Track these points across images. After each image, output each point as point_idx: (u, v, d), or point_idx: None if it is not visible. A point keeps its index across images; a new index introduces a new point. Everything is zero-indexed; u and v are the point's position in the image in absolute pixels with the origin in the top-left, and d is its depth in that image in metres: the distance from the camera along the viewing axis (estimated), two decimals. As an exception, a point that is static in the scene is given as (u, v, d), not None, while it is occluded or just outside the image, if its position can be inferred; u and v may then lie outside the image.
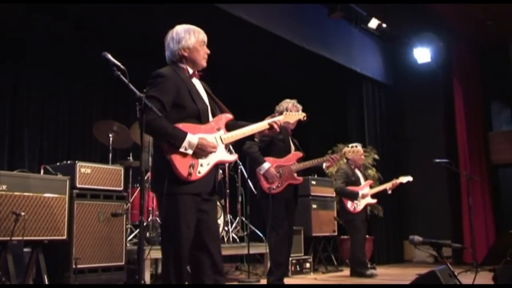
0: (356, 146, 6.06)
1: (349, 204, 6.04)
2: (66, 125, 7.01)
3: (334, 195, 7.27)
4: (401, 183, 6.28)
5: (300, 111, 4.01)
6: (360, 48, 8.35)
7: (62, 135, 6.94)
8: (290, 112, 3.73)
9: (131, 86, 2.60)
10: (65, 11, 6.25)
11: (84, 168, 4.54)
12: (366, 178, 6.34)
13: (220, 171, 5.80)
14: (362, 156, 6.21)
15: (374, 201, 6.22)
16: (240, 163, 5.74)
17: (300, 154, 4.68)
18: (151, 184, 3.04)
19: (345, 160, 6.34)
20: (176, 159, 2.69)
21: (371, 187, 6.26)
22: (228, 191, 6.14)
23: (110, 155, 5.58)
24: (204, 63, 2.94)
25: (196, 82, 2.92)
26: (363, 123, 8.49)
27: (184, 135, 2.69)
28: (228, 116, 2.96)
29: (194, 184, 2.72)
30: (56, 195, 4.25)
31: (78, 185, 4.46)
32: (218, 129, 2.88)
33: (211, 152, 2.77)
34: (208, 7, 5.83)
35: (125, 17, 6.33)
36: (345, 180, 6.09)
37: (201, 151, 2.73)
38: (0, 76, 6.36)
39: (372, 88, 8.84)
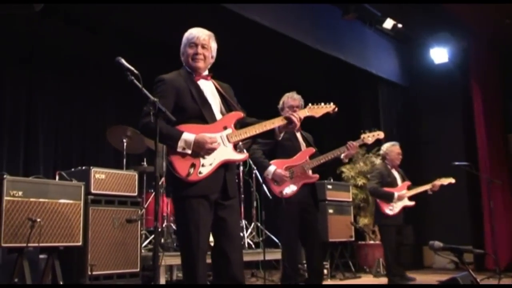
0: (394, 145, 5.95)
1: (385, 207, 5.74)
2: (80, 130, 7.06)
3: (350, 199, 7.22)
4: (442, 185, 6.05)
5: (329, 104, 3.50)
6: (375, 49, 8.31)
7: (76, 140, 6.99)
8: (316, 105, 3.42)
9: (145, 91, 2.63)
10: (77, 16, 6.32)
11: (98, 174, 4.57)
12: (404, 179, 5.99)
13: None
14: (399, 156, 6.00)
15: (411, 203, 5.85)
16: (255, 167, 5.72)
17: (312, 150, 4.37)
18: (166, 189, 3.05)
19: (376, 160, 6.15)
20: (175, 159, 2.69)
21: (409, 188, 5.91)
22: (242, 196, 6.13)
23: (124, 160, 5.60)
24: (194, 64, 2.91)
25: (205, 83, 2.92)
26: (379, 125, 8.41)
27: (179, 134, 2.69)
28: (239, 114, 2.92)
29: (197, 186, 2.69)
30: (71, 201, 4.28)
31: (92, 191, 4.50)
32: (225, 128, 2.84)
33: (210, 150, 2.72)
34: (219, 9, 5.85)
35: (138, 21, 6.37)
36: (380, 180, 5.79)
37: (199, 149, 2.70)
38: (14, 82, 6.42)
39: (388, 90, 8.78)
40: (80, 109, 7.10)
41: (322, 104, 3.47)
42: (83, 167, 4.70)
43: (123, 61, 2.64)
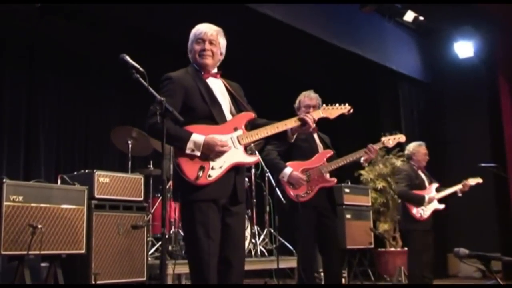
0: (420, 145, 5.90)
1: (414, 210, 5.61)
2: (83, 132, 7.10)
3: (369, 204, 7.19)
4: (471, 185, 5.97)
5: (344, 105, 3.55)
6: (395, 43, 8.26)
7: (79, 142, 7.04)
8: (330, 106, 3.44)
9: (151, 90, 2.64)
10: (79, 12, 6.36)
11: (102, 177, 4.59)
12: (431, 181, 5.88)
13: (246, 179, 5.79)
14: (426, 156, 5.95)
15: (442, 206, 5.74)
16: (267, 170, 5.71)
17: (329, 152, 4.35)
18: (174, 193, 3.05)
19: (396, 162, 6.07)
20: (183, 162, 2.70)
21: (438, 190, 5.81)
22: (254, 200, 6.12)
23: (130, 163, 5.62)
24: (201, 60, 2.91)
25: (214, 81, 2.94)
26: (399, 125, 8.37)
27: (188, 135, 2.70)
28: (250, 114, 2.93)
29: (206, 190, 2.70)
30: (74, 206, 4.30)
31: (96, 196, 4.51)
32: (235, 129, 2.85)
33: (220, 152, 2.73)
34: (228, 3, 5.85)
35: (144, 17, 6.40)
36: (408, 183, 5.68)
37: (209, 151, 2.70)
38: (14, 82, 6.48)
39: (409, 87, 8.73)
40: (83, 109, 7.15)
41: (337, 105, 3.50)
42: (86, 171, 4.72)
43: (128, 58, 2.64)
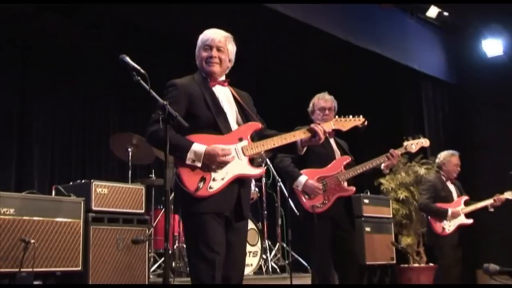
0: (453, 155, 5.87)
1: (437, 225, 5.66)
2: (79, 138, 7.11)
3: (390, 215, 7.15)
4: (507, 199, 5.94)
5: (358, 117, 3.61)
6: (417, 41, 8.22)
7: (75, 150, 7.04)
8: (343, 118, 3.51)
9: (153, 93, 2.65)
10: (77, 9, 6.38)
11: (100, 188, 4.59)
12: (461, 193, 5.90)
13: (256, 189, 5.77)
14: (458, 167, 5.92)
15: (469, 221, 5.77)
16: (279, 180, 5.69)
17: (347, 159, 4.34)
18: (174, 205, 3.09)
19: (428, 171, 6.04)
20: (183, 172, 2.77)
21: (467, 203, 5.83)
22: (265, 212, 6.10)
23: (130, 172, 5.62)
24: (208, 68, 2.98)
25: (221, 90, 3.01)
26: (423, 129, 8.31)
27: (189, 145, 2.76)
28: (256, 125, 2.98)
29: (209, 201, 2.76)
30: (70, 220, 4.30)
31: (94, 208, 4.51)
32: (240, 139, 2.91)
33: (222, 163, 2.78)
34: (240, 2, 5.87)
35: (146, 14, 6.39)
36: (432, 195, 5.71)
37: (210, 162, 2.76)
38: (5, 83, 6.48)
39: (433, 88, 8.67)
40: (79, 114, 7.16)
41: (350, 116, 3.55)
42: (83, 181, 4.73)
43: (128, 59, 2.65)
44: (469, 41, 8.78)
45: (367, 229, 6.65)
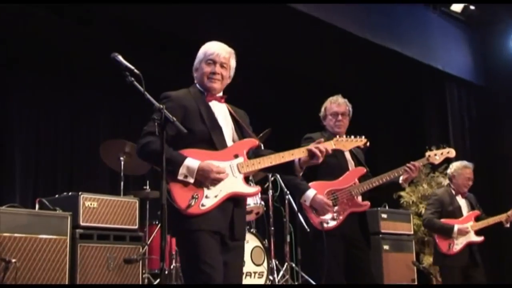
0: (466, 167, 5.84)
1: (442, 243, 5.63)
2: (66, 146, 7.12)
3: (411, 232, 7.12)
4: None
5: (359, 137, 3.72)
6: (441, 38, 8.23)
7: (61, 158, 7.05)
8: (344, 138, 3.61)
9: (148, 95, 2.67)
10: (63, 3, 6.39)
11: (89, 201, 4.59)
12: (472, 208, 5.83)
13: (262, 203, 5.75)
14: (469, 181, 5.89)
15: (479, 239, 5.65)
16: (288, 192, 5.68)
17: (362, 170, 4.32)
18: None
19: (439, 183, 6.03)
20: (175, 188, 2.86)
21: (478, 219, 5.74)
22: (272, 229, 6.07)
23: (122, 183, 5.61)
24: (209, 84, 3.09)
25: (217, 105, 3.13)
26: (447, 135, 8.32)
27: (181, 159, 2.86)
28: (253, 141, 3.11)
29: (205, 219, 2.86)
30: (55, 236, 4.29)
31: (82, 223, 4.50)
32: (236, 156, 3.02)
33: (215, 180, 2.88)
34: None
35: (140, 9, 6.40)
36: (438, 209, 5.69)
37: (203, 179, 2.86)
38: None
39: (458, 90, 8.68)
40: (66, 119, 7.17)
41: (352, 137, 3.67)
42: (70, 193, 4.72)
43: (120, 58, 2.66)
44: (498, 37, 8.77)
45: (385, 247, 6.63)
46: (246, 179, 3.06)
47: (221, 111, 3.12)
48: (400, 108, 9.24)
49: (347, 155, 4.41)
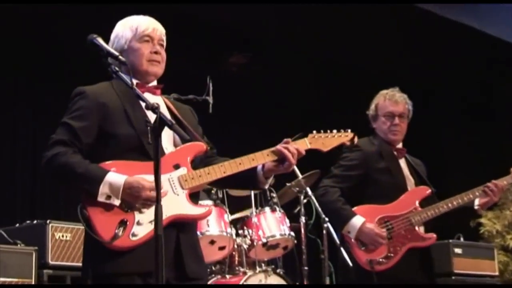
0: None
1: None
2: (28, 158, 7.17)
3: (496, 272, 7.11)
4: None
5: (344, 131, 3.38)
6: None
7: (21, 175, 7.10)
8: (322, 134, 3.32)
9: (137, 90, 2.72)
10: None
11: (60, 232, 4.65)
12: None
13: (292, 234, 5.77)
14: None
15: None
16: (327, 220, 5.69)
17: (426, 191, 4.35)
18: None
19: None
20: (94, 214, 2.79)
21: None
22: (306, 268, 6.10)
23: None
24: (149, 68, 3.07)
25: (151, 99, 2.90)
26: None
27: (102, 174, 2.79)
28: (198, 146, 3.05)
29: (131, 257, 2.78)
30: (16, 279, 4.34)
31: (51, 262, 4.57)
32: (176, 167, 2.96)
33: (149, 200, 2.77)
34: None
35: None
36: None
37: (133, 199, 2.79)
38: None
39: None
40: (27, 121, 7.23)
41: (334, 131, 3.38)
42: (35, 221, 4.77)
43: (100, 41, 2.75)
44: None
45: (461, 293, 6.64)
46: (192, 196, 2.97)
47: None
48: (475, 105, 9.22)
49: (405, 169, 4.44)
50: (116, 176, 2.79)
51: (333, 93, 8.86)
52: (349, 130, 3.39)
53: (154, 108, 2.63)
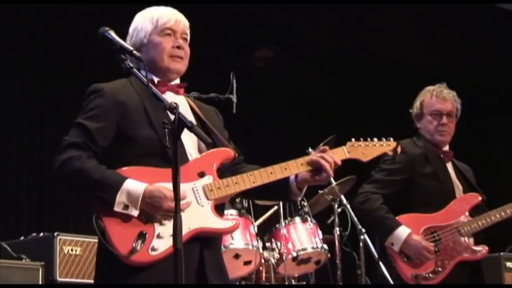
0: None
1: None
2: (35, 164, 7.21)
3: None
4: None
5: (386, 140, 3.34)
6: None
7: (27, 186, 7.13)
8: (362, 142, 3.28)
9: (154, 89, 2.70)
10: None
11: (69, 246, 4.67)
12: None
13: (325, 247, 5.76)
14: None
15: None
16: (364, 231, 5.67)
17: (476, 198, 4.36)
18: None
19: None
20: (110, 225, 2.78)
21: None
22: (342, 284, 6.09)
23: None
24: (172, 65, 3.07)
25: (174, 99, 2.95)
26: None
27: (119, 182, 2.78)
28: (226, 152, 3.04)
29: (150, 272, 2.78)
30: (21, 297, 4.36)
31: (59, 278, 4.58)
32: (202, 175, 2.95)
33: (171, 211, 2.66)
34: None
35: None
36: None
37: (153, 209, 2.78)
38: None
39: None
40: (34, 128, 7.27)
41: (375, 140, 3.35)
42: (42, 234, 4.79)
43: (113, 34, 2.74)
44: None
45: (514, 312, 6.60)
46: (217, 208, 2.94)
47: (180, 107, 2.85)
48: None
49: (452, 175, 4.43)
50: (135, 184, 2.78)
51: (367, 90, 8.84)
52: (391, 139, 3.37)
53: (172, 108, 2.60)
